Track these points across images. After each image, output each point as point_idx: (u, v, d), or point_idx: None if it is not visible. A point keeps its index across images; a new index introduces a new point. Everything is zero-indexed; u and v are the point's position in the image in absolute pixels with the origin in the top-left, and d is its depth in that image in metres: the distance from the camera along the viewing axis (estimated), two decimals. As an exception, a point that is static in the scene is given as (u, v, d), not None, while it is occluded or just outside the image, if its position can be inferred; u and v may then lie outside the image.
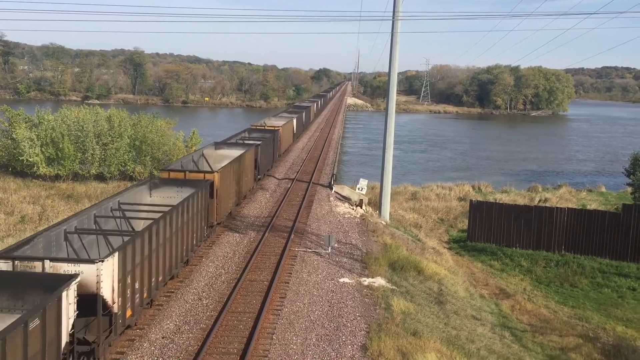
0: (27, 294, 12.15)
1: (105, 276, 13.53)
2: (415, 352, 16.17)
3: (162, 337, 16.37)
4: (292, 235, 26.92)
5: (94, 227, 18.12)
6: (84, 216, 17.77)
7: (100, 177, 49.17)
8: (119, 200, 20.30)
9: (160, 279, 17.83)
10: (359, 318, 18.56)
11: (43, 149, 47.24)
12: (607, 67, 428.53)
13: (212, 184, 24.15)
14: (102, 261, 13.49)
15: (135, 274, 15.47)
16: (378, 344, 16.46)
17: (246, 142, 39.12)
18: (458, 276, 28.37)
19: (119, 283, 14.23)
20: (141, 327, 16.84)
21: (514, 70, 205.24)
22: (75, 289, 12.51)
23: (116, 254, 14.10)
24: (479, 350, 18.43)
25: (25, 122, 49.62)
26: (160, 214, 18.49)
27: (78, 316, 12.74)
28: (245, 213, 31.07)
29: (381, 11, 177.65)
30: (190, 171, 25.51)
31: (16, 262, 13.25)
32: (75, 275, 12.66)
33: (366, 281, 22.26)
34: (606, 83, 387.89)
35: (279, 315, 18.31)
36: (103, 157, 49.22)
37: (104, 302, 13.67)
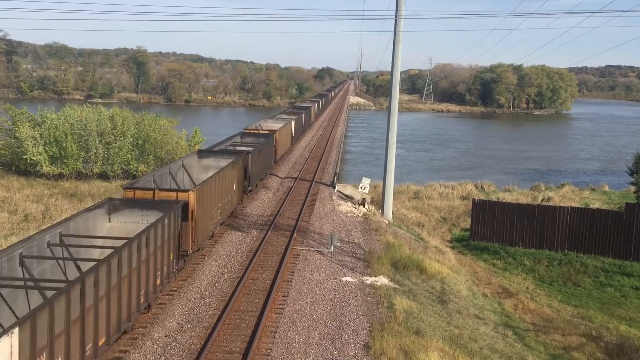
0: None
1: None
2: (417, 351, 16.18)
3: (165, 336, 16.40)
4: (295, 234, 26.93)
5: (21, 273, 13.41)
6: (4, 257, 12.93)
7: (103, 176, 49.28)
8: (60, 232, 15.38)
9: (101, 342, 13.13)
10: (361, 317, 18.57)
11: (46, 148, 47.36)
12: (611, 66, 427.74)
13: (186, 204, 19.95)
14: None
15: (53, 349, 10.77)
16: (380, 342, 16.46)
17: (238, 147, 35.77)
18: (461, 275, 28.36)
19: None
20: (144, 325, 16.87)
21: (517, 69, 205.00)
22: None
23: (15, 332, 9.57)
24: (482, 349, 18.43)
25: (29, 121, 49.74)
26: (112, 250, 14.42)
27: None
28: (248, 212, 31.09)
29: (384, 10, 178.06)
30: (161, 189, 20.78)
31: None
32: None
33: (369, 280, 22.26)
34: (609, 82, 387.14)
35: (282, 314, 18.33)
36: (106, 156, 49.33)
37: None
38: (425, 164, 79.20)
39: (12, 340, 9.49)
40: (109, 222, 18.62)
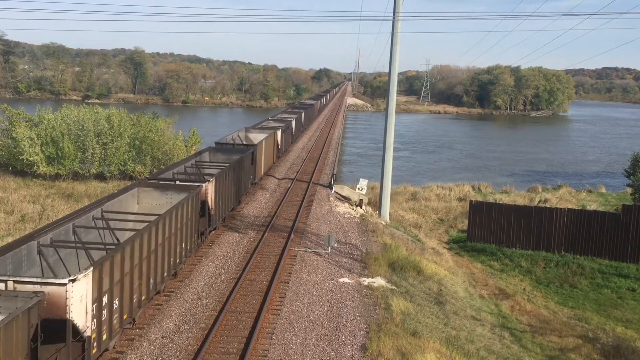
0: None
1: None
2: (414, 352, 16.18)
3: (162, 337, 16.38)
4: (292, 235, 26.92)
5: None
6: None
7: (100, 177, 49.21)
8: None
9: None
10: (358, 318, 18.57)
11: (43, 148, 47.28)
12: (608, 68, 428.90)
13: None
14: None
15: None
16: (377, 344, 16.46)
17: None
18: (458, 276, 28.39)
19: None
20: (140, 326, 16.85)
21: (514, 70, 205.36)
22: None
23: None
24: (479, 351, 18.44)
25: (26, 122, 49.65)
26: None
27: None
28: (245, 213, 31.07)
29: (381, 11, 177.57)
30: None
31: None
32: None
33: (366, 281, 22.26)
34: (606, 84, 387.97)
35: (279, 315, 18.32)
36: (103, 156, 49.27)
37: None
38: (431, 165, 79.33)
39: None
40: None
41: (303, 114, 72.77)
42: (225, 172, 26.18)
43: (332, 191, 38.70)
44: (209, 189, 23.43)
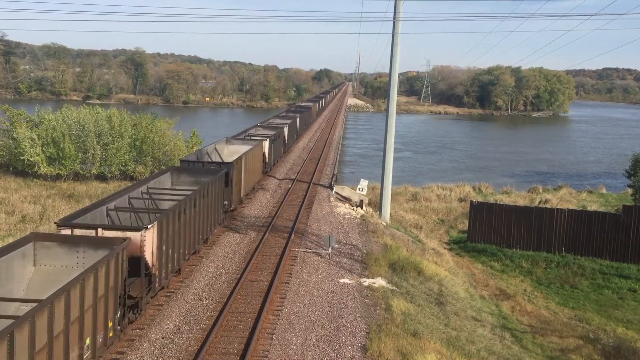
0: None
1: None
2: (415, 353, 16.17)
3: (162, 337, 16.38)
4: (293, 236, 26.91)
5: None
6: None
7: (101, 177, 49.24)
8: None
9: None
10: (359, 319, 18.56)
11: (44, 149, 47.33)
12: (608, 69, 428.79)
13: None
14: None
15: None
16: (378, 344, 16.45)
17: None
18: (458, 277, 28.38)
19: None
20: (141, 327, 16.85)
21: (515, 71, 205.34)
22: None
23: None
24: (479, 352, 18.43)
25: (26, 122, 49.69)
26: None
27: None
28: (245, 213, 31.07)
29: (382, 12, 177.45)
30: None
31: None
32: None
33: (366, 282, 22.26)
34: (607, 84, 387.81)
35: (279, 315, 18.32)
36: (104, 157, 49.31)
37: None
38: (434, 165, 79.35)
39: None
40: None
41: (298, 119, 65.06)
42: (181, 207, 19.14)
43: (333, 192, 38.69)
44: (148, 239, 16.18)
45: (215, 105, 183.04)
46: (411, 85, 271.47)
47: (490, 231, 35.22)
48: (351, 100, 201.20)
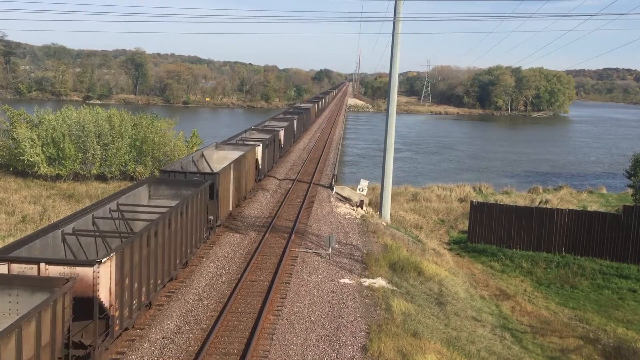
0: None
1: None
2: (415, 353, 16.18)
3: (163, 338, 16.38)
4: (293, 236, 26.92)
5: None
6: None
7: (101, 177, 49.23)
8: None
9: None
10: (359, 319, 18.57)
11: (44, 149, 47.31)
12: (608, 69, 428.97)
13: None
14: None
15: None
16: (378, 344, 16.46)
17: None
18: (458, 277, 28.38)
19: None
20: (141, 327, 16.85)
21: (515, 71, 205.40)
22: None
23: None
24: (479, 352, 18.43)
25: (26, 122, 49.69)
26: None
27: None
28: (245, 214, 31.08)
29: (382, 12, 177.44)
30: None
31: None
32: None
33: (366, 282, 22.26)
34: (607, 84, 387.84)
35: (279, 315, 18.32)
36: (104, 157, 49.30)
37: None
38: (435, 166, 79.34)
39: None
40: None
41: (296, 121, 61.97)
42: (151, 230, 16.64)
43: (333, 192, 38.70)
44: (103, 274, 13.50)
45: (216, 105, 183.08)
46: (411, 85, 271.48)
47: (491, 231, 35.23)
48: (351, 101, 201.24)
